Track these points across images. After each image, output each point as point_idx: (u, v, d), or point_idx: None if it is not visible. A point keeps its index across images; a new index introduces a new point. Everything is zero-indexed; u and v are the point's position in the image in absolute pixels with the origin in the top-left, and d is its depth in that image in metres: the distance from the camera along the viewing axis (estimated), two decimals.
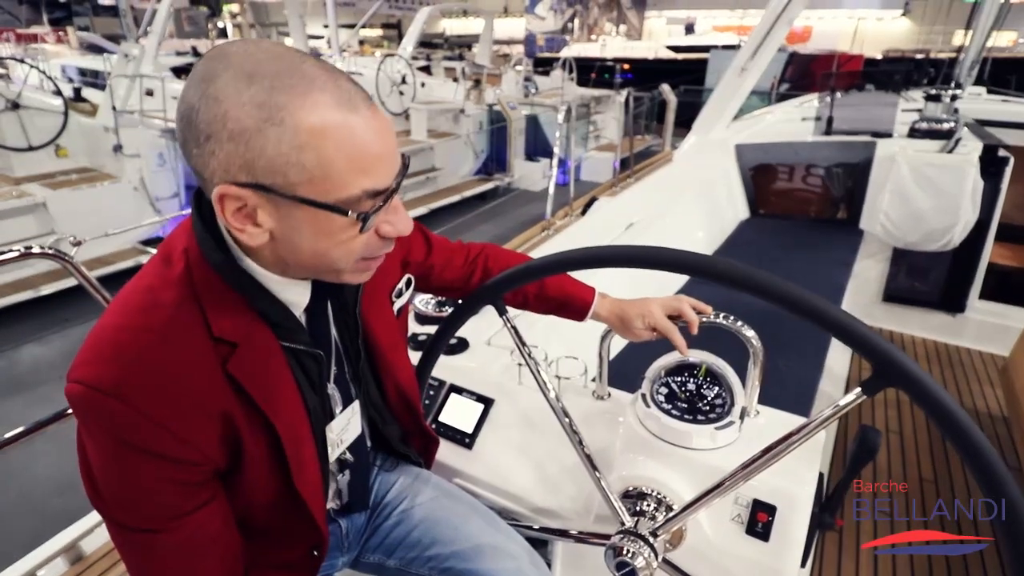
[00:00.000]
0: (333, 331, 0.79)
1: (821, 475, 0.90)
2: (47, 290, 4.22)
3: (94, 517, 1.44)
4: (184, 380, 0.61)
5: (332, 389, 0.79)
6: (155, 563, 0.66)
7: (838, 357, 2.51)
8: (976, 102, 3.88)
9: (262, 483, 0.70)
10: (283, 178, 0.56)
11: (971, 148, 2.63)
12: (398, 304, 0.89)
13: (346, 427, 0.82)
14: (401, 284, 0.90)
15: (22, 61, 6.22)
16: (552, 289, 1.03)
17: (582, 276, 1.05)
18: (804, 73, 12.24)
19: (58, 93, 5.17)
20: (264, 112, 0.54)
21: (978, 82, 4.47)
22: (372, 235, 0.63)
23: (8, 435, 1.43)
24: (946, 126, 2.90)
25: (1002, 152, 2.56)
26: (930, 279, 2.88)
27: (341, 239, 0.61)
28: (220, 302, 0.63)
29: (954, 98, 3.05)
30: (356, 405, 0.84)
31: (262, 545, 0.76)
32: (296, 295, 0.69)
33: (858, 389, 0.66)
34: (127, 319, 0.61)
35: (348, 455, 0.85)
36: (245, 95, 0.54)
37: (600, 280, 1.09)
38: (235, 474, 0.68)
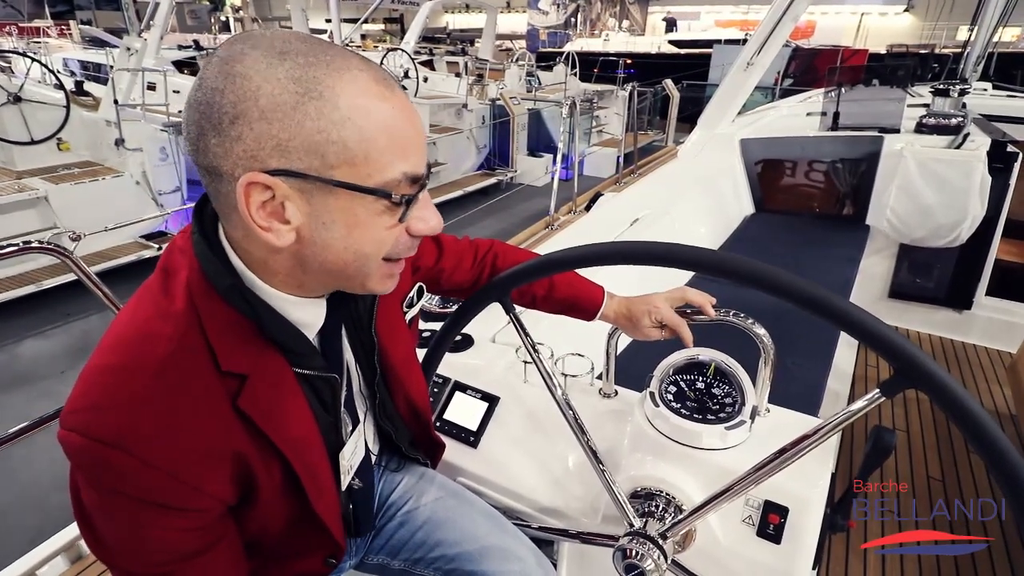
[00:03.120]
0: (346, 351, 0.75)
1: (831, 475, 0.89)
2: (49, 284, 4.21)
3: None
4: (192, 423, 0.56)
5: (343, 412, 0.74)
6: None
7: (846, 355, 2.49)
8: (982, 97, 3.85)
9: (277, 510, 0.67)
10: (320, 160, 0.51)
11: (979, 143, 2.60)
12: (410, 315, 0.86)
13: (354, 451, 0.79)
14: (413, 293, 0.86)
15: (24, 54, 6.20)
16: (560, 289, 1.00)
17: (586, 273, 1.04)
18: (807, 68, 12.18)
19: (60, 87, 5.14)
20: (302, 86, 0.50)
21: (983, 77, 4.43)
22: (403, 232, 0.59)
23: (10, 431, 1.42)
24: (954, 121, 2.87)
25: (1010, 147, 2.54)
26: (937, 275, 2.86)
27: (378, 230, 0.56)
28: (228, 332, 0.58)
29: (962, 93, 3.02)
30: (361, 427, 0.80)
31: (278, 556, 0.75)
32: (310, 316, 0.64)
33: (876, 391, 0.64)
34: (124, 358, 0.55)
35: (356, 482, 0.81)
36: (280, 70, 0.50)
37: (605, 277, 1.07)
38: (248, 504, 0.65)
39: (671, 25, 24.57)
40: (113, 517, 0.57)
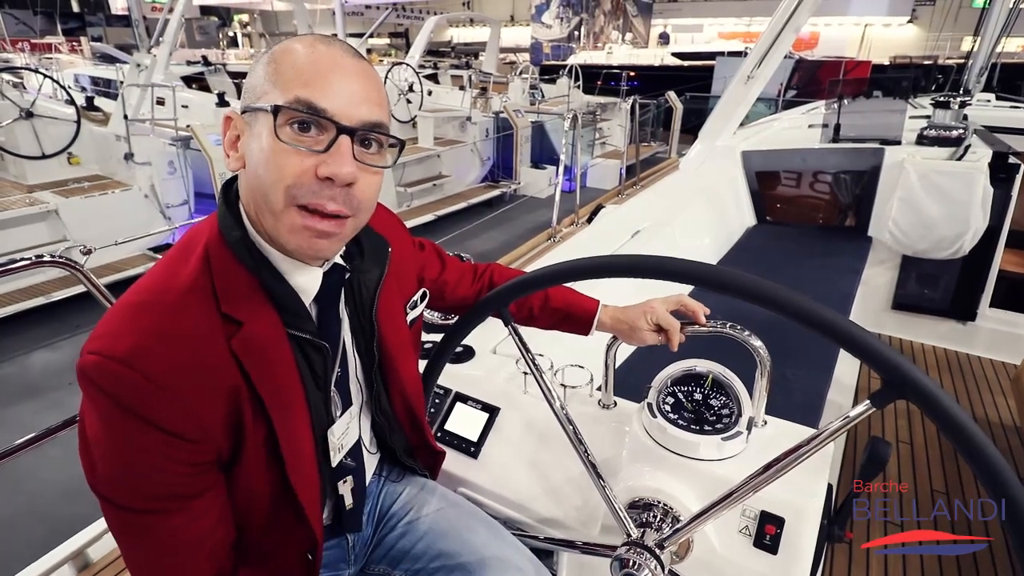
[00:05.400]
0: (345, 333, 0.80)
1: (830, 486, 0.89)
2: (58, 296, 4.26)
3: (102, 524, 1.44)
4: (191, 350, 0.62)
5: (333, 392, 0.78)
6: (149, 547, 0.64)
7: (847, 367, 2.48)
8: (985, 108, 3.86)
9: (259, 478, 0.69)
10: (252, 96, 0.64)
11: (980, 155, 2.61)
12: (412, 315, 0.92)
13: (345, 432, 0.82)
14: (416, 296, 0.93)
15: (36, 71, 6.31)
16: (556, 301, 1.04)
17: (584, 287, 1.06)
18: (811, 80, 12.20)
19: (71, 102, 5.22)
20: (267, 52, 0.65)
21: (987, 88, 4.45)
22: (308, 172, 0.61)
23: (18, 441, 1.44)
24: (955, 133, 2.88)
25: (1012, 159, 2.54)
26: (940, 287, 2.86)
27: (274, 152, 0.61)
28: (231, 280, 0.65)
29: (963, 105, 3.03)
30: (354, 410, 0.83)
31: (257, 547, 0.76)
32: (305, 281, 0.70)
33: (867, 402, 0.65)
34: (143, 296, 0.64)
35: (349, 460, 0.84)
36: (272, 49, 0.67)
37: (603, 291, 1.09)
38: (234, 466, 0.68)
39: (664, 38, 25.07)
40: (110, 437, 0.61)
